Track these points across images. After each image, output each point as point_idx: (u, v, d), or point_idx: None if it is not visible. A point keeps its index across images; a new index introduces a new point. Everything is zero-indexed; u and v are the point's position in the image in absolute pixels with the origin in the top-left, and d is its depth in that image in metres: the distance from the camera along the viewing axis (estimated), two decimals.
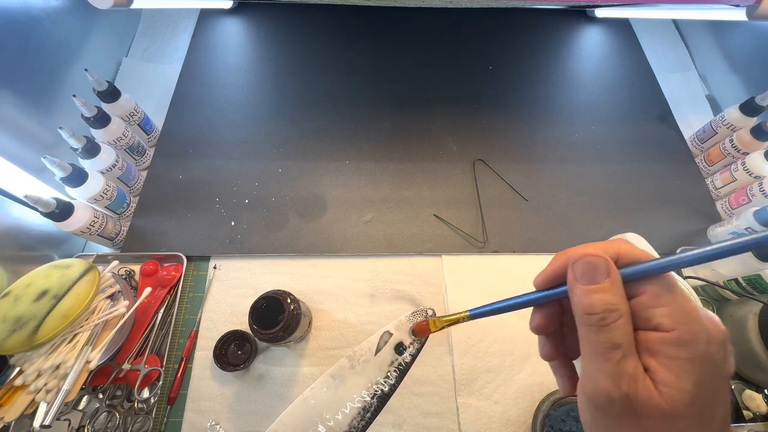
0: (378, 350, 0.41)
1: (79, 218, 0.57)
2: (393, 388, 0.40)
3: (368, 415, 0.39)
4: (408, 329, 0.43)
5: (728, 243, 0.17)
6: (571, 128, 0.81)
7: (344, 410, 0.38)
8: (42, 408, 0.48)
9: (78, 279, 0.52)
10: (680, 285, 0.22)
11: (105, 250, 0.66)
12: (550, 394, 0.52)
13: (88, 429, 0.52)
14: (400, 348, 0.42)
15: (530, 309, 0.27)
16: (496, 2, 0.92)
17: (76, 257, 0.62)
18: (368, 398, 0.39)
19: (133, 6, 0.57)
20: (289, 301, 0.52)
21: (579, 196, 0.73)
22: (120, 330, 0.54)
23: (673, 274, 0.20)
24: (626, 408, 0.17)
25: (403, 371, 0.41)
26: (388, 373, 0.40)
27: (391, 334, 0.42)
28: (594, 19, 0.98)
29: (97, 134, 0.65)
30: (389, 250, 0.67)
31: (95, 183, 0.60)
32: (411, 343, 0.42)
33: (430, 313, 0.44)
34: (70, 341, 0.51)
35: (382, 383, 0.40)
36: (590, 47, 0.94)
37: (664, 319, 0.18)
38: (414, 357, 0.42)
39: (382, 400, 0.40)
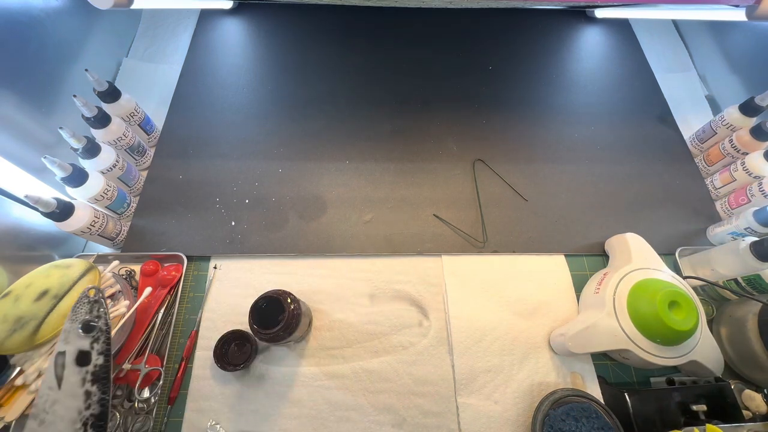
0: (60, 380, 0.33)
1: (80, 218, 0.57)
2: (104, 403, 0.33)
3: None
4: (77, 331, 0.34)
5: None
6: (571, 128, 0.81)
7: None
8: None
9: (78, 279, 0.52)
10: None
11: (105, 250, 0.66)
12: (550, 393, 0.52)
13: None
14: (82, 358, 0.33)
15: (529, 308, 0.27)
16: (496, 2, 0.92)
17: (77, 257, 0.62)
18: None
19: (134, 6, 0.57)
20: (289, 300, 0.52)
21: (579, 196, 0.73)
22: (120, 330, 0.54)
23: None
24: None
25: (103, 377, 0.33)
26: (87, 393, 0.33)
27: (63, 353, 0.33)
28: (594, 20, 0.98)
29: (98, 134, 0.65)
30: (389, 250, 0.67)
31: (95, 183, 0.60)
32: (93, 342, 0.34)
33: (93, 298, 0.35)
34: None
35: (85, 409, 0.32)
36: (590, 47, 0.94)
37: None
38: (107, 354, 0.33)
39: (99, 425, 0.32)
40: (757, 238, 0.57)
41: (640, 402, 0.52)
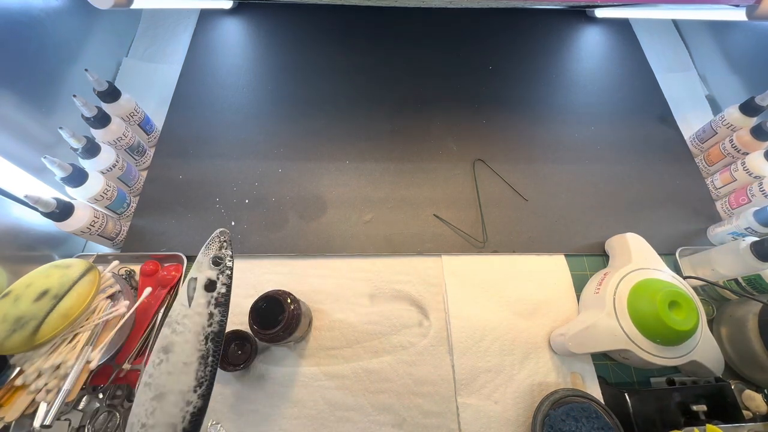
0: (191, 300, 0.41)
1: (80, 218, 0.57)
2: (222, 324, 0.41)
3: (210, 359, 0.39)
4: (208, 263, 0.43)
5: None
6: (571, 128, 0.81)
7: (185, 371, 0.38)
8: (42, 408, 0.48)
9: (78, 279, 0.52)
10: None
11: (105, 250, 0.66)
12: (550, 393, 0.52)
13: (88, 429, 0.52)
14: (210, 286, 0.42)
15: (530, 308, 0.27)
16: (496, 2, 0.92)
17: (77, 257, 0.62)
18: (202, 345, 0.40)
19: (133, 6, 0.57)
20: (289, 301, 0.52)
21: (579, 196, 0.73)
22: (120, 330, 0.54)
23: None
24: None
25: (223, 303, 0.41)
26: (210, 313, 0.41)
27: (195, 279, 0.42)
28: (594, 19, 0.98)
29: (98, 134, 0.65)
30: (389, 250, 0.67)
31: (95, 183, 0.60)
32: (219, 274, 0.42)
33: (223, 238, 0.44)
34: (70, 341, 0.51)
35: (208, 325, 0.40)
36: (590, 47, 0.94)
37: None
38: (229, 285, 0.42)
39: (217, 340, 0.40)
40: (757, 238, 0.57)
41: (640, 402, 0.52)
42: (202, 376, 0.38)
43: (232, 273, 0.43)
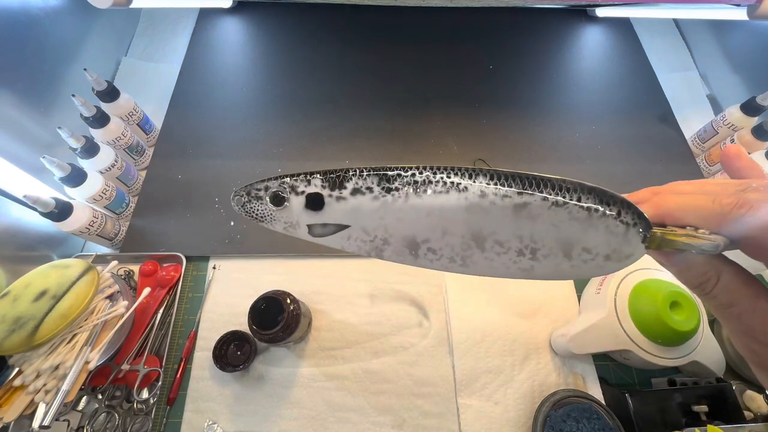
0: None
1: (78, 218, 0.56)
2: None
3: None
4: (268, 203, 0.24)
5: None
6: (571, 128, 0.81)
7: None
8: (41, 408, 0.48)
9: (77, 279, 0.52)
10: None
11: (104, 250, 0.66)
12: (551, 394, 0.52)
13: (87, 429, 0.52)
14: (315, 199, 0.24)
15: (530, 308, 0.26)
16: (496, 2, 0.92)
17: (75, 257, 0.62)
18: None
19: (133, 5, 0.57)
20: (288, 301, 0.52)
21: None
22: (119, 330, 0.54)
23: None
24: None
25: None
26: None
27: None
28: (594, 19, 0.98)
29: (97, 134, 0.65)
30: None
31: (94, 183, 0.60)
32: (314, 182, 0.24)
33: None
34: (69, 341, 0.51)
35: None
36: (591, 47, 0.94)
37: None
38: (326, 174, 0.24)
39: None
40: None
41: (641, 403, 0.52)
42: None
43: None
